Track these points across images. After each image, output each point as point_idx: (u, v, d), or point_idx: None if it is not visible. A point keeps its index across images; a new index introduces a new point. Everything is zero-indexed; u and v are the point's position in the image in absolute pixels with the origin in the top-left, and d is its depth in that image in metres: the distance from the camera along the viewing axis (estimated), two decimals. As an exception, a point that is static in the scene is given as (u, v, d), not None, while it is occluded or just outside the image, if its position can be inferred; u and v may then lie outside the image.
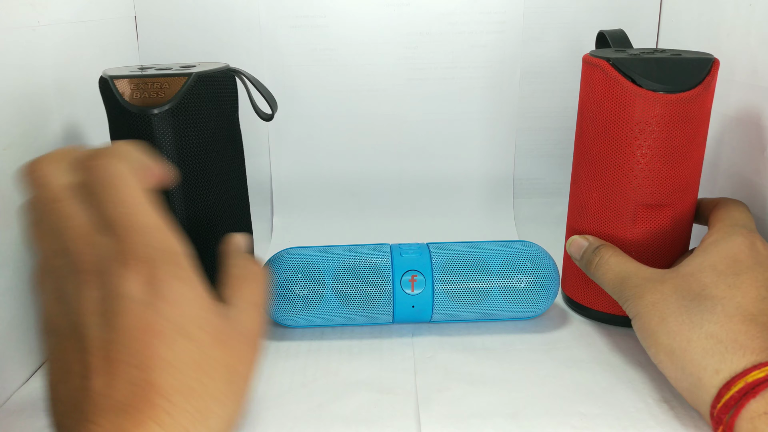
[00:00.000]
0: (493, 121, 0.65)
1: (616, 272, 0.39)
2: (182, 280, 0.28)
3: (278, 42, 0.63)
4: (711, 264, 0.34)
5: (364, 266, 0.44)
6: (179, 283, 0.28)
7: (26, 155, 0.42)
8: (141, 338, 0.27)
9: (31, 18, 0.43)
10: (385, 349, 0.44)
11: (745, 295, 0.32)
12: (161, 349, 0.27)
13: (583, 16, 0.63)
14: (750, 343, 0.30)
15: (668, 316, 0.33)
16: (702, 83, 0.40)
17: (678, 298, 0.33)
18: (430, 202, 0.67)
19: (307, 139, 0.65)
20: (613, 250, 0.41)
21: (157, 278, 0.28)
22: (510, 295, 0.44)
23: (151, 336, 0.27)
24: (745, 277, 0.33)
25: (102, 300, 0.28)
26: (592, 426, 0.36)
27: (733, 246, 0.35)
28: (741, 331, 0.30)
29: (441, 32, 0.63)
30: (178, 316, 0.28)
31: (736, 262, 0.34)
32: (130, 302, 0.27)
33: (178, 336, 0.27)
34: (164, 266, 0.28)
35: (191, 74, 0.40)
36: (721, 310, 0.31)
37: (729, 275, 0.33)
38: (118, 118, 0.41)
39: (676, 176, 0.41)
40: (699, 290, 0.32)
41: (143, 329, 0.27)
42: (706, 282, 0.33)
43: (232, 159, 0.45)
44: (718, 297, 0.32)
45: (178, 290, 0.28)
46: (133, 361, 0.26)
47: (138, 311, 0.27)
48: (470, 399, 0.38)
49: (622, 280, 0.38)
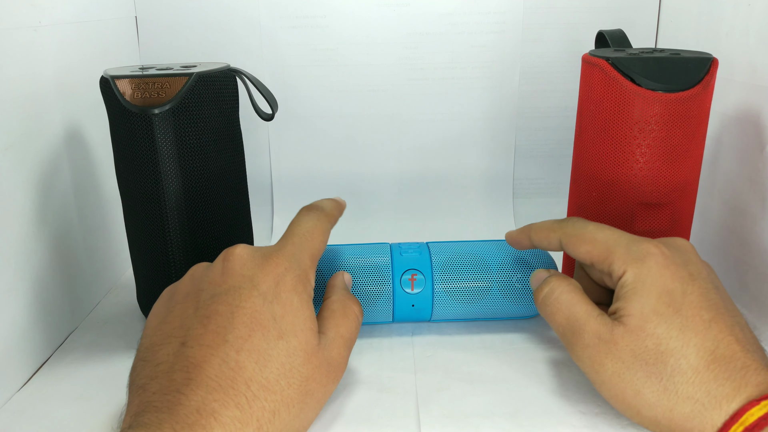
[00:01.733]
0: (492, 121, 0.66)
1: (566, 315, 0.35)
2: (300, 296, 0.33)
3: (278, 42, 0.63)
4: (652, 309, 0.33)
5: (364, 265, 0.44)
6: (297, 297, 0.33)
7: (27, 155, 0.42)
8: (248, 323, 0.31)
9: (32, 18, 0.43)
10: (384, 348, 0.44)
11: (696, 332, 0.32)
12: (260, 340, 0.30)
13: (582, 16, 0.63)
14: (722, 391, 0.30)
15: (642, 388, 0.32)
16: (701, 83, 0.40)
17: (641, 364, 0.32)
18: (430, 202, 0.67)
19: (307, 139, 0.65)
20: (566, 285, 0.36)
21: (284, 282, 0.33)
22: (510, 295, 0.44)
23: (256, 325, 0.31)
24: (686, 311, 0.32)
25: (231, 274, 0.32)
26: (591, 425, 0.36)
27: (657, 277, 0.33)
28: (710, 380, 0.30)
29: (441, 32, 0.63)
30: (284, 320, 0.32)
31: (671, 296, 0.33)
32: (254, 290, 0.32)
33: (277, 336, 0.31)
34: (294, 279, 0.33)
35: (192, 74, 0.40)
36: (686, 364, 0.31)
37: (673, 316, 0.32)
38: (119, 118, 0.41)
39: (675, 175, 0.42)
40: (655, 347, 0.32)
41: (253, 317, 0.31)
42: (658, 334, 0.32)
43: (232, 159, 0.45)
44: (677, 349, 0.31)
45: (294, 301, 0.32)
46: (235, 342, 0.30)
47: (256, 301, 0.31)
48: (470, 398, 0.38)
49: (572, 330, 0.35)
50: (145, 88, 0.40)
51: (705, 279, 0.34)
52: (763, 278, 0.46)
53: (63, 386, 0.40)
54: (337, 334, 0.35)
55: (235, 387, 0.29)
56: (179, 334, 0.31)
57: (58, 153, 0.46)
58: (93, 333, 0.47)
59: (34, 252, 0.42)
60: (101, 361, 0.43)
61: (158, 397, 0.28)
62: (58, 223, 0.46)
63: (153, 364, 0.30)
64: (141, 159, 0.40)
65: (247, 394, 0.29)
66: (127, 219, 0.45)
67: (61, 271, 0.46)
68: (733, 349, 0.31)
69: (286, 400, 0.30)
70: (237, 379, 0.29)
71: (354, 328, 0.36)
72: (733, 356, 0.31)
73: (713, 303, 0.33)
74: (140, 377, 0.30)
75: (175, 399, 0.28)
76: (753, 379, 0.30)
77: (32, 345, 0.42)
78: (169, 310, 0.33)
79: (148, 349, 0.31)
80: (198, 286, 0.33)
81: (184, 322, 0.31)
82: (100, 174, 0.53)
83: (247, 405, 0.29)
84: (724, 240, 0.51)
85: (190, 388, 0.28)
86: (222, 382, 0.28)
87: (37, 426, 0.37)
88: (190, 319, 0.31)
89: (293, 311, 0.32)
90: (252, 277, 0.32)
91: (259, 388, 0.29)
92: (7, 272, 0.39)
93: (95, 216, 0.52)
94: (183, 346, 0.30)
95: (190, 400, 0.27)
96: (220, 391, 0.28)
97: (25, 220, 0.41)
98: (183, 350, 0.30)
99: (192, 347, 0.30)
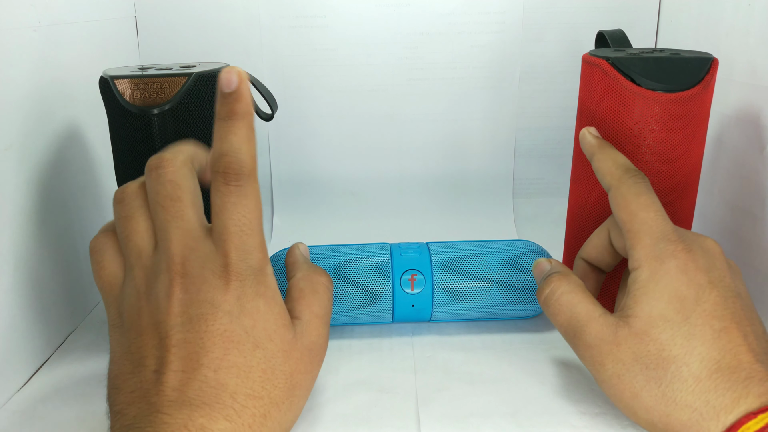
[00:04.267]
0: (492, 121, 0.66)
1: (567, 316, 0.35)
2: (265, 298, 0.32)
3: (278, 42, 0.63)
4: (660, 314, 0.32)
5: (363, 265, 0.44)
6: (262, 301, 0.31)
7: (27, 155, 0.42)
8: (221, 344, 0.30)
9: (32, 18, 0.43)
10: (384, 348, 0.44)
11: (703, 341, 0.31)
12: (236, 356, 0.30)
13: (582, 16, 0.63)
14: (721, 401, 0.30)
15: (640, 391, 0.32)
16: (701, 82, 0.40)
17: (642, 367, 0.32)
18: (430, 202, 0.67)
19: (307, 139, 0.65)
20: (567, 284, 0.36)
21: (246, 295, 0.31)
22: (510, 295, 0.44)
23: (229, 343, 0.30)
24: (695, 319, 0.32)
25: (190, 303, 0.30)
26: (591, 425, 0.36)
27: (671, 281, 0.32)
28: (710, 389, 0.30)
29: (441, 32, 0.63)
30: (255, 329, 0.31)
31: (683, 302, 0.32)
32: (219, 312, 0.30)
33: (252, 346, 0.30)
34: (254, 285, 0.31)
35: (191, 74, 0.40)
36: (687, 372, 0.31)
37: (681, 323, 0.32)
38: (119, 118, 0.41)
39: (675, 175, 0.42)
40: (657, 352, 0.31)
41: (225, 337, 0.30)
42: (662, 339, 0.31)
43: (232, 159, 0.45)
44: (680, 356, 0.31)
45: (260, 307, 0.31)
46: (210, 363, 0.29)
47: (224, 321, 0.30)
48: (470, 398, 0.38)
49: (574, 331, 0.35)
50: (145, 88, 0.40)
51: (726, 287, 0.33)
52: (763, 278, 0.45)
53: (63, 387, 0.40)
54: (311, 315, 0.34)
55: (220, 402, 0.28)
56: (149, 363, 0.29)
57: (58, 153, 0.46)
58: (93, 333, 0.47)
59: (33, 252, 0.42)
60: (101, 361, 0.43)
61: (139, 420, 0.27)
62: (58, 223, 0.46)
63: (126, 391, 0.29)
64: (140, 159, 0.40)
65: (235, 406, 0.29)
66: (127, 219, 0.45)
67: (61, 271, 0.46)
68: (740, 359, 0.30)
69: (275, 400, 0.30)
70: (221, 395, 0.28)
71: (327, 301, 0.36)
72: (739, 366, 0.30)
73: (729, 312, 0.32)
74: (116, 404, 0.29)
75: (159, 419, 0.27)
76: (755, 390, 0.29)
77: (32, 345, 0.42)
78: (129, 341, 0.31)
79: (117, 377, 0.30)
80: (154, 317, 0.30)
81: (152, 351, 0.30)
82: (100, 174, 0.53)
83: (236, 416, 0.28)
84: (724, 240, 0.51)
85: (173, 409, 0.27)
86: (206, 400, 0.28)
87: (37, 426, 0.37)
88: (156, 348, 0.30)
89: (263, 318, 0.31)
90: (211, 300, 0.30)
91: (246, 398, 0.29)
92: (6, 272, 0.39)
93: (95, 216, 0.52)
94: (156, 373, 0.29)
95: (175, 419, 0.27)
96: (205, 407, 0.28)
97: (25, 220, 0.41)
98: (157, 377, 0.29)
99: (165, 373, 0.29)
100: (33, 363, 0.42)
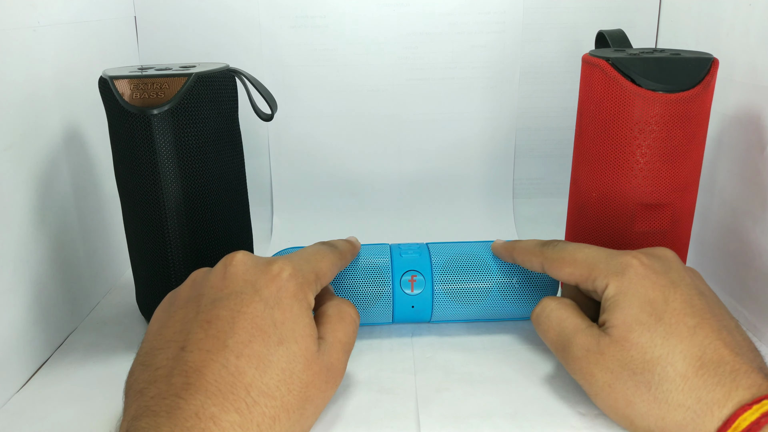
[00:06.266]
0: (492, 121, 0.65)
1: (557, 331, 0.37)
2: (300, 304, 0.33)
3: (278, 42, 0.63)
4: (634, 319, 0.33)
5: (363, 266, 0.44)
6: (297, 304, 0.33)
7: (26, 155, 0.42)
8: (248, 329, 0.31)
9: (32, 18, 0.43)
10: (384, 349, 0.44)
11: (681, 339, 0.32)
12: (260, 345, 0.30)
13: (582, 16, 0.63)
14: (712, 397, 0.30)
15: (632, 398, 0.32)
16: (701, 83, 0.40)
17: (629, 373, 0.32)
18: (430, 202, 0.67)
19: (307, 139, 0.65)
20: (557, 302, 0.38)
21: (286, 289, 0.33)
22: (509, 295, 0.44)
23: (256, 330, 0.31)
24: (668, 318, 0.33)
25: (227, 278, 0.32)
26: (591, 426, 0.36)
27: (637, 288, 0.34)
28: (699, 386, 0.30)
29: (441, 32, 0.63)
30: (284, 325, 0.32)
31: (653, 305, 0.33)
32: (256, 295, 0.32)
33: (277, 342, 0.31)
34: (296, 285, 0.33)
35: (191, 74, 0.40)
36: (673, 371, 0.31)
37: (656, 324, 0.32)
38: (118, 119, 0.41)
39: (675, 176, 0.41)
40: (640, 356, 0.32)
41: (254, 323, 0.31)
42: (642, 343, 0.32)
43: (231, 159, 0.45)
44: (663, 356, 0.32)
45: (294, 307, 0.32)
46: (235, 347, 0.30)
47: (258, 307, 0.31)
48: (470, 399, 0.38)
49: (563, 345, 0.36)
50: (144, 89, 0.40)
51: (688, 285, 0.34)
52: (763, 278, 0.45)
53: (62, 387, 0.40)
54: (335, 339, 0.35)
55: (234, 392, 0.29)
56: (179, 338, 0.31)
57: (58, 153, 0.46)
58: (92, 334, 0.47)
59: (33, 252, 0.42)
60: (100, 362, 0.43)
61: (156, 402, 0.28)
62: (58, 224, 0.46)
63: (152, 368, 0.30)
64: (140, 159, 0.40)
65: (247, 399, 0.29)
66: (126, 219, 0.45)
67: (61, 272, 0.46)
68: (721, 354, 0.31)
69: (286, 406, 0.30)
70: (237, 384, 0.29)
71: (351, 332, 0.36)
72: (722, 360, 0.31)
73: (698, 309, 0.33)
74: (138, 382, 0.30)
75: (174, 403, 0.27)
76: (743, 382, 0.30)
77: (31, 346, 0.42)
78: (169, 315, 0.33)
79: (147, 353, 0.31)
80: (199, 290, 0.33)
81: (185, 326, 0.31)
82: (100, 174, 0.53)
83: (247, 410, 0.29)
84: (724, 240, 0.51)
85: (189, 393, 0.28)
86: (221, 387, 0.28)
87: (37, 427, 0.37)
88: (190, 323, 0.31)
89: (293, 317, 0.32)
90: (254, 282, 0.32)
91: (259, 394, 0.29)
92: (6, 272, 0.39)
93: (94, 216, 0.52)
94: (182, 351, 0.30)
95: (189, 405, 0.27)
96: (219, 395, 0.28)
97: (25, 220, 0.41)
98: (182, 354, 0.29)
99: (192, 351, 0.29)
100: (33, 363, 0.42)
